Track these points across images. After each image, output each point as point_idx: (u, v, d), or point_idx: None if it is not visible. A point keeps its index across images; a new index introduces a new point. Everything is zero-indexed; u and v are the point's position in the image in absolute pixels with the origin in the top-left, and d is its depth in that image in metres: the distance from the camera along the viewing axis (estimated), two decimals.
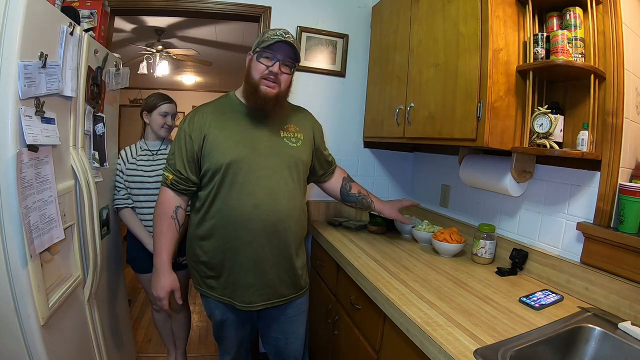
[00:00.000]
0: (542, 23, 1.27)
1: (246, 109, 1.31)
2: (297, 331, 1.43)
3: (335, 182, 1.60)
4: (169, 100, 1.86)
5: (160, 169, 1.77)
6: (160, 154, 1.82)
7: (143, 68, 4.27)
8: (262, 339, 1.50)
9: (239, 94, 1.35)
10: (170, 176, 1.28)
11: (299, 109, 1.48)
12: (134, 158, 1.80)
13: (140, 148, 1.84)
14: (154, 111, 1.82)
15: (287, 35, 1.21)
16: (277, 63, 1.21)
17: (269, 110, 1.27)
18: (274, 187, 1.25)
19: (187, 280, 1.91)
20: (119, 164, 1.80)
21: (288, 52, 1.22)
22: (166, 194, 1.30)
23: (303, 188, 1.39)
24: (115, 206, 1.78)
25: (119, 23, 3.40)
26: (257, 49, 1.23)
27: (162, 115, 1.81)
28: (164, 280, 1.29)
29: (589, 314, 1.07)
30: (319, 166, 1.52)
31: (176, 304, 1.93)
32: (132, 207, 1.80)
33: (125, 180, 1.78)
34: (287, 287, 1.34)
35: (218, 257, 1.28)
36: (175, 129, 2.02)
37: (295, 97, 1.46)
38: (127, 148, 1.84)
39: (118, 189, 1.79)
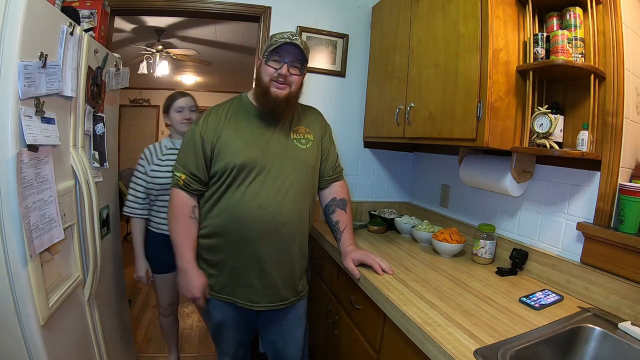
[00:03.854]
0: (542, 23, 1.27)
1: (257, 110, 1.31)
2: (296, 334, 1.42)
3: (324, 197, 1.48)
4: (183, 94, 1.85)
5: None
6: None
7: (143, 68, 4.27)
8: (261, 341, 1.49)
9: (250, 95, 1.35)
10: (183, 176, 1.27)
11: (310, 109, 1.47)
12: (159, 159, 1.76)
13: (166, 147, 1.80)
14: (170, 109, 1.81)
15: (294, 38, 1.21)
16: (285, 65, 1.22)
17: (280, 111, 1.27)
18: (280, 189, 1.25)
19: None
20: (142, 166, 1.76)
21: (295, 54, 1.23)
22: (180, 195, 1.29)
23: (311, 190, 1.37)
24: (128, 213, 1.76)
25: (119, 23, 3.40)
26: (266, 53, 1.24)
27: (178, 110, 1.80)
28: (196, 280, 1.27)
29: (589, 314, 1.07)
30: (319, 171, 1.44)
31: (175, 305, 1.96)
32: (146, 218, 1.79)
33: (149, 182, 1.73)
34: (289, 291, 1.33)
35: (220, 255, 1.28)
36: None
37: None
38: (152, 147, 1.81)
39: (135, 192, 1.76)
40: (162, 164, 1.74)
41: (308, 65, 2.04)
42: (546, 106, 1.20)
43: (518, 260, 1.39)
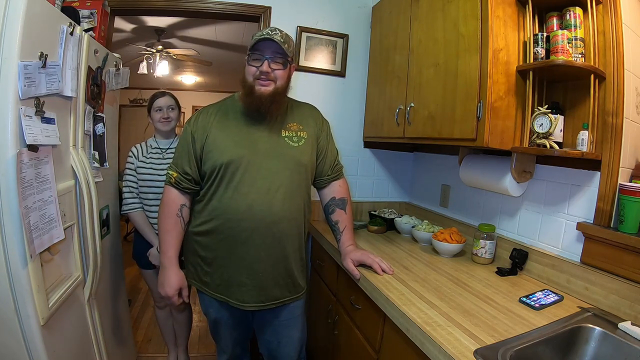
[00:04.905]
0: (542, 23, 1.27)
1: (246, 109, 1.31)
2: (291, 335, 1.41)
3: (323, 196, 1.47)
4: (161, 94, 1.89)
5: None
6: (170, 152, 1.83)
7: (143, 68, 4.27)
8: (258, 341, 1.49)
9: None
10: (175, 174, 1.29)
11: (304, 106, 1.45)
12: (144, 156, 1.81)
13: (151, 146, 1.86)
14: (151, 110, 1.86)
15: (272, 33, 1.20)
16: (266, 61, 1.20)
17: (266, 108, 1.25)
18: (270, 188, 1.25)
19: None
20: (132, 162, 1.81)
21: (275, 49, 1.21)
22: (171, 192, 1.31)
23: (304, 189, 1.35)
24: (126, 211, 1.79)
25: (119, 23, 3.40)
26: (248, 53, 1.24)
27: (157, 110, 1.85)
28: (173, 278, 1.29)
29: (589, 314, 1.07)
30: (317, 170, 1.42)
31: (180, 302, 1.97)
32: (142, 209, 1.81)
33: (137, 179, 1.79)
34: (281, 290, 1.32)
35: (213, 253, 1.29)
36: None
37: (295, 97, 1.46)
38: (139, 145, 1.86)
39: (129, 188, 1.79)
40: (147, 161, 1.80)
41: (308, 66, 2.09)
42: (546, 106, 1.20)
43: (518, 260, 1.39)
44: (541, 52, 1.20)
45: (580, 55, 1.16)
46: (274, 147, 1.28)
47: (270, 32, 1.20)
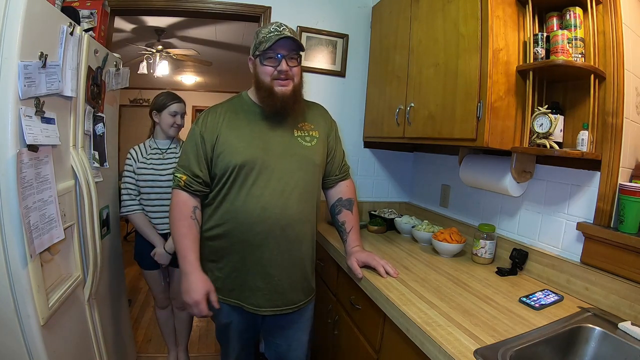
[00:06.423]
0: (542, 23, 1.27)
1: (259, 109, 1.27)
2: (300, 339, 1.39)
3: (330, 196, 1.46)
4: (178, 99, 1.88)
5: (171, 167, 1.77)
6: (170, 152, 1.84)
7: (143, 68, 4.27)
8: (265, 344, 1.46)
9: (251, 94, 1.31)
10: (184, 177, 1.23)
11: (314, 105, 1.42)
12: (144, 157, 1.81)
13: (150, 147, 1.85)
14: (164, 110, 1.83)
15: (281, 29, 1.17)
16: (283, 60, 1.17)
17: (290, 108, 1.22)
18: (285, 190, 1.22)
19: None
20: (130, 165, 1.80)
21: (290, 46, 1.18)
22: (181, 196, 1.24)
23: (317, 190, 1.33)
24: (125, 213, 1.79)
25: (119, 23, 3.40)
26: (258, 52, 1.19)
27: (172, 114, 1.83)
28: (199, 283, 1.18)
29: (589, 314, 1.07)
30: (326, 170, 1.41)
31: (180, 301, 1.97)
32: (142, 210, 1.81)
33: (137, 180, 1.79)
34: (297, 294, 1.30)
35: (225, 258, 1.25)
36: (184, 128, 2.07)
37: None
38: (137, 147, 1.85)
39: (127, 190, 1.79)
40: (147, 162, 1.80)
41: (308, 65, 2.09)
42: (546, 106, 1.20)
43: (518, 260, 1.39)
44: (541, 52, 1.20)
45: (580, 55, 1.16)
46: (288, 147, 1.25)
47: (279, 29, 1.17)
